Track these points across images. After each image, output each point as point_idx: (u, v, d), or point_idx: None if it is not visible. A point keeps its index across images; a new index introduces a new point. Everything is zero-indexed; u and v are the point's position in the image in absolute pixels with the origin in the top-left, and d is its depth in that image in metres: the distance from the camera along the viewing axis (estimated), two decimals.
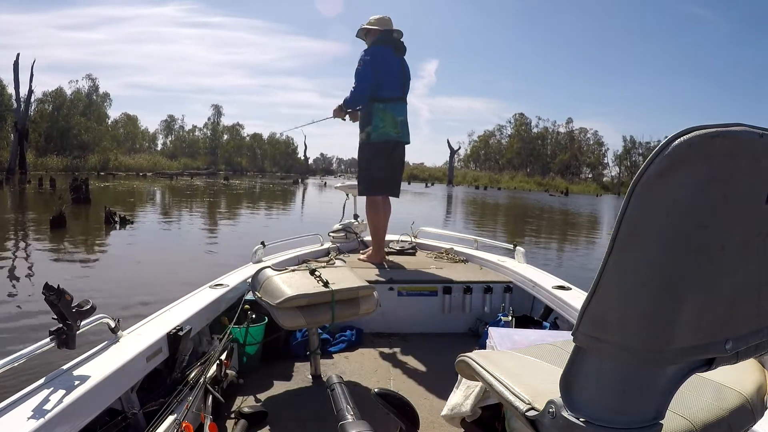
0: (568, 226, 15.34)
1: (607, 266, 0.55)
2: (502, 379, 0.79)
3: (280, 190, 27.86)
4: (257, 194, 23.92)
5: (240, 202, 17.91)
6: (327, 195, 25.47)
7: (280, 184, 36.10)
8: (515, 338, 1.55)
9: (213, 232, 10.07)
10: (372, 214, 3.16)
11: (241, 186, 30.50)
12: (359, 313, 2.06)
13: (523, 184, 60.65)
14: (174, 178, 36.52)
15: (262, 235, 3.37)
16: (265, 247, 2.84)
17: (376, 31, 3.13)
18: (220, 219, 12.31)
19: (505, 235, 12.08)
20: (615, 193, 67.70)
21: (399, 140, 3.14)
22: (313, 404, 1.84)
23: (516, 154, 72.63)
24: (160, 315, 1.74)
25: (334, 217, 4.01)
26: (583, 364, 0.61)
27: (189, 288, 2.14)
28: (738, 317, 0.61)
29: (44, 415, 1.01)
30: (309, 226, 5.12)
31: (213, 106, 74.46)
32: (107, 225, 9.38)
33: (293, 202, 20.43)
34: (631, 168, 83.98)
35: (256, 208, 15.72)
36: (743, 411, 0.79)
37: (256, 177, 54.88)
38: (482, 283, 2.72)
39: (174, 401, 1.40)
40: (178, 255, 7.17)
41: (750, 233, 0.57)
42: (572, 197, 47.30)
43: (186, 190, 23.50)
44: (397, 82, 3.13)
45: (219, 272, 2.47)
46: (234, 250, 6.96)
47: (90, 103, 50.04)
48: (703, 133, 0.50)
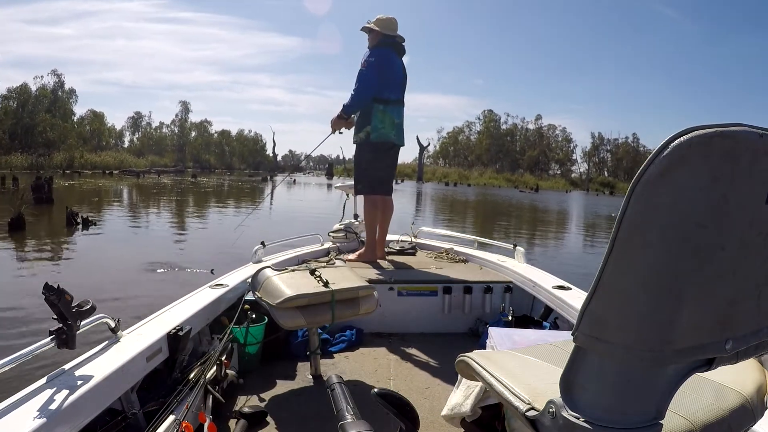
0: (541, 224, 15.33)
1: (607, 266, 0.55)
2: (502, 379, 0.79)
3: (249, 188, 27.40)
4: (225, 192, 23.43)
5: (208, 201, 17.44)
6: (296, 192, 25.30)
7: (249, 182, 35.51)
8: (515, 338, 1.55)
9: (179, 234, 9.55)
10: (370, 213, 3.17)
11: (209, 184, 29.92)
12: (359, 313, 2.06)
13: (493, 180, 60.95)
14: (141, 176, 35.69)
15: (231, 238, 3.25)
16: (265, 247, 2.84)
17: (379, 34, 3.12)
18: (187, 219, 11.82)
19: (481, 233, 12.15)
20: (584, 189, 68.25)
21: (396, 143, 3.16)
22: (313, 404, 1.84)
23: (485, 150, 73.33)
24: (160, 315, 1.74)
25: (308, 216, 3.96)
26: (583, 364, 0.61)
27: (149, 300, 2.11)
28: (738, 317, 0.61)
29: (44, 415, 1.01)
30: (282, 227, 5.09)
31: (181, 103, 73.73)
32: (69, 227, 8.89)
33: (262, 200, 19.88)
34: (599, 164, 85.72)
35: (225, 208, 15.28)
36: (743, 411, 0.79)
37: (225, 174, 54.00)
38: (482, 283, 2.72)
39: (174, 401, 1.40)
40: (141, 260, 6.55)
41: (750, 233, 0.57)
42: (542, 193, 47.33)
43: (152, 189, 22.92)
44: (399, 85, 3.14)
45: (182, 281, 2.43)
46: (202, 256, 6.67)
47: (55, 100, 49.68)
48: (702, 133, 0.50)
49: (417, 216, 15.27)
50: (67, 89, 52.43)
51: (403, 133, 3.21)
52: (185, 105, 71.83)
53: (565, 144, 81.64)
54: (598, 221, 18.08)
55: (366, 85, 2.98)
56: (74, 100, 53.20)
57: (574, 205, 29.93)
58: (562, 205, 28.00)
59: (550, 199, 34.32)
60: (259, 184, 34.03)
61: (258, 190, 26.53)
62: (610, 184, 77.62)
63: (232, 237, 6.98)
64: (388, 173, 3.22)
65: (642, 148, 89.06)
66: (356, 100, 3.02)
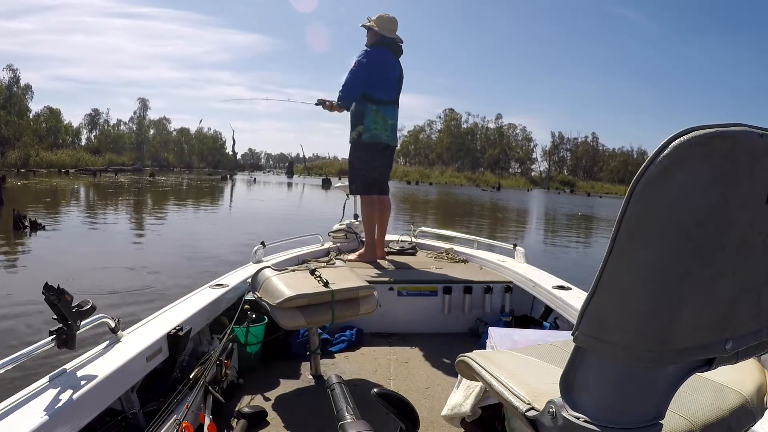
0: (509, 222, 15.33)
1: (607, 266, 0.55)
2: (502, 379, 0.79)
3: (208, 187, 26.87)
4: (184, 192, 22.75)
5: (166, 201, 16.71)
6: (257, 192, 24.91)
7: (208, 181, 34.91)
8: (515, 338, 1.55)
9: (135, 237, 8.90)
10: (367, 212, 3.17)
11: (168, 183, 29.30)
12: (359, 313, 2.06)
13: (454, 179, 61.24)
14: (97, 175, 34.96)
15: (189, 245, 3.23)
16: (265, 247, 2.84)
17: (376, 33, 3.11)
18: (144, 222, 11.10)
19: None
20: (544, 188, 68.76)
21: (389, 144, 3.17)
22: (313, 404, 1.84)
23: (446, 149, 73.91)
24: (160, 315, 1.74)
25: (266, 218, 3.94)
26: (583, 364, 0.61)
27: None
28: (738, 317, 0.61)
29: (44, 415, 1.01)
30: (247, 230, 5.02)
31: (139, 100, 72.72)
32: (15, 231, 8.21)
33: (222, 200, 19.28)
34: (559, 163, 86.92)
35: (183, 209, 14.56)
36: (743, 411, 0.79)
37: (183, 173, 53.15)
38: (482, 283, 2.72)
39: (174, 401, 1.40)
40: (90, 269, 5.93)
41: (750, 233, 0.57)
42: (504, 192, 47.40)
43: (109, 188, 22.21)
44: (393, 86, 3.13)
45: (131, 298, 2.36)
46: (159, 267, 6.05)
47: (10, 96, 48.83)
48: (702, 133, 0.50)
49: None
50: (23, 85, 51.64)
51: (396, 133, 3.22)
52: (143, 102, 70.99)
53: (526, 143, 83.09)
54: (571, 219, 18.25)
55: (351, 85, 2.99)
56: (30, 96, 52.31)
57: (535, 203, 30.12)
58: (528, 204, 28.14)
59: (513, 198, 34.41)
60: (219, 182, 33.27)
61: (217, 189, 25.87)
62: (571, 183, 78.29)
63: (188, 247, 6.96)
64: (383, 173, 3.22)
65: (601, 147, 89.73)
66: (341, 98, 3.03)
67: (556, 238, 12.27)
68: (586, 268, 6.92)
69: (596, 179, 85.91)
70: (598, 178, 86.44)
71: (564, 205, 30.85)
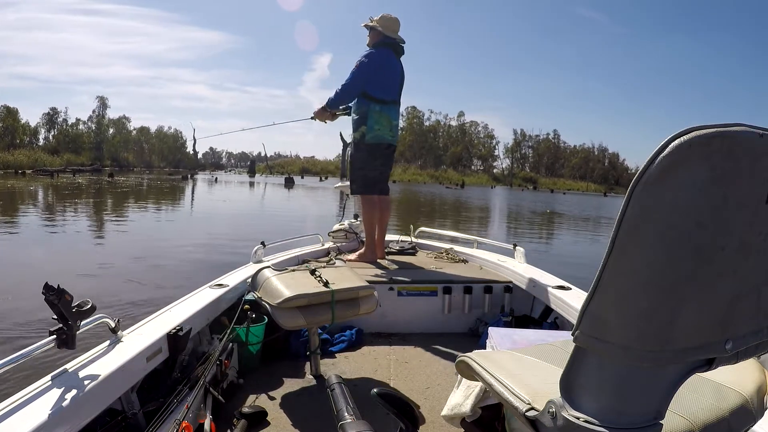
0: (483, 221, 15.26)
1: (607, 266, 0.55)
2: (502, 379, 0.79)
3: (168, 187, 26.15)
4: (144, 192, 21.92)
5: (124, 202, 16.00)
6: (219, 191, 24.32)
7: (168, 181, 34.23)
8: (515, 338, 1.55)
9: (88, 244, 7.92)
10: (367, 212, 3.17)
11: (127, 183, 28.69)
12: (359, 313, 2.06)
13: (417, 176, 61.65)
14: (55, 176, 33.87)
15: (145, 251, 3.08)
16: (265, 247, 2.84)
17: (379, 33, 3.11)
18: (99, 226, 10.23)
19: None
20: (507, 185, 69.47)
21: (392, 143, 3.18)
22: (313, 404, 1.84)
23: (408, 146, 73.98)
24: (160, 315, 1.74)
25: (229, 219, 3.84)
26: (583, 364, 0.61)
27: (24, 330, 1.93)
28: (738, 317, 0.61)
29: (44, 415, 1.01)
30: (205, 233, 4.84)
31: (98, 98, 71.48)
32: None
33: (182, 201, 18.39)
34: (521, 160, 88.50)
35: (143, 210, 13.81)
36: (743, 411, 0.79)
37: (143, 173, 52.09)
38: (482, 283, 2.72)
39: (174, 401, 1.40)
40: (33, 281, 4.82)
41: (750, 233, 0.57)
42: (468, 189, 47.27)
43: (65, 190, 21.15)
44: (396, 86, 3.14)
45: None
46: (109, 279, 5.25)
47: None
48: (702, 133, 0.50)
49: (339, 216, 14.55)
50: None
51: (398, 132, 3.23)
52: (102, 100, 69.90)
53: (488, 140, 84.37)
54: (543, 218, 18.26)
55: (352, 84, 2.99)
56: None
57: (501, 200, 30.02)
58: (494, 201, 28.02)
59: (479, 195, 34.29)
60: (179, 182, 32.57)
61: (178, 189, 25.18)
62: (533, 179, 78.52)
63: (145, 252, 6.78)
64: (383, 173, 3.23)
65: (562, 144, 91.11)
66: (339, 97, 3.04)
67: (532, 236, 12.17)
68: (571, 266, 6.86)
69: (558, 176, 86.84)
70: (560, 175, 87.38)
71: (530, 202, 30.76)
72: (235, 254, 6.35)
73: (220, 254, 6.98)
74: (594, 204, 35.43)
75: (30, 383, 1.14)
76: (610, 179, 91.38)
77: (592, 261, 8.21)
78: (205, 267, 5.85)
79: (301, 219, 12.81)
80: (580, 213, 23.39)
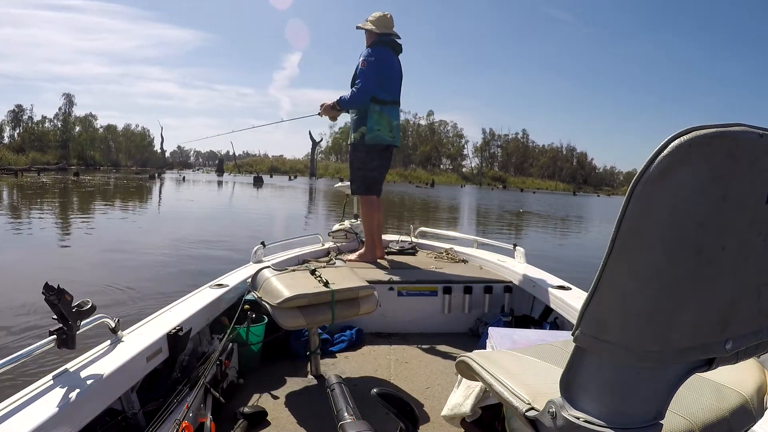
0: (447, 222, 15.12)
1: (607, 266, 0.55)
2: (502, 379, 0.79)
3: (135, 187, 25.39)
4: (110, 192, 21.10)
5: (89, 202, 15.29)
6: (186, 191, 23.75)
7: (135, 180, 33.49)
8: (515, 338, 1.55)
9: (48, 248, 7.13)
10: (367, 213, 3.16)
11: (92, 182, 27.91)
12: (359, 313, 2.06)
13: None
14: (19, 175, 32.49)
15: (114, 250, 2.91)
16: (265, 247, 2.84)
17: (373, 34, 3.09)
18: (62, 229, 9.32)
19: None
20: (476, 184, 69.74)
21: (392, 144, 3.16)
22: (313, 404, 1.84)
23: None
24: (160, 315, 1.74)
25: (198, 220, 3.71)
26: (583, 364, 0.61)
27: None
28: (738, 317, 0.61)
29: (44, 415, 1.01)
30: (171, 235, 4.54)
31: (64, 95, 70.31)
32: None
33: (149, 202, 17.66)
34: (490, 159, 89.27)
35: (107, 210, 13.05)
36: (743, 411, 0.79)
37: (110, 172, 51.14)
38: (482, 283, 2.72)
39: (174, 401, 1.40)
40: None
41: (750, 233, 0.57)
42: (438, 188, 46.97)
43: (28, 189, 20.16)
44: (396, 86, 3.13)
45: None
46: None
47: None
48: (703, 133, 0.50)
49: (308, 217, 14.16)
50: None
51: (399, 133, 3.21)
52: (69, 98, 68.47)
53: (457, 139, 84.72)
54: (521, 218, 18.16)
55: (367, 85, 2.95)
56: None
57: (472, 200, 29.83)
58: (463, 201, 27.77)
59: (450, 195, 34.01)
60: (147, 182, 31.67)
61: (145, 188, 24.46)
62: (502, 179, 78.97)
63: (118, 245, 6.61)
64: (381, 174, 3.22)
65: (531, 144, 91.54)
66: (356, 98, 2.99)
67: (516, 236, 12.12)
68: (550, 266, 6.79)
69: (527, 175, 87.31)
70: (529, 174, 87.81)
71: (504, 201, 30.60)
72: (208, 259, 6.27)
73: (187, 259, 6.53)
74: (565, 203, 35.30)
75: (30, 383, 1.13)
76: (579, 178, 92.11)
77: (574, 259, 8.23)
78: (168, 275, 5.50)
79: (269, 221, 12.54)
80: (556, 212, 23.27)
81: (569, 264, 7.48)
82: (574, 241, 12.25)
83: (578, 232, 14.63)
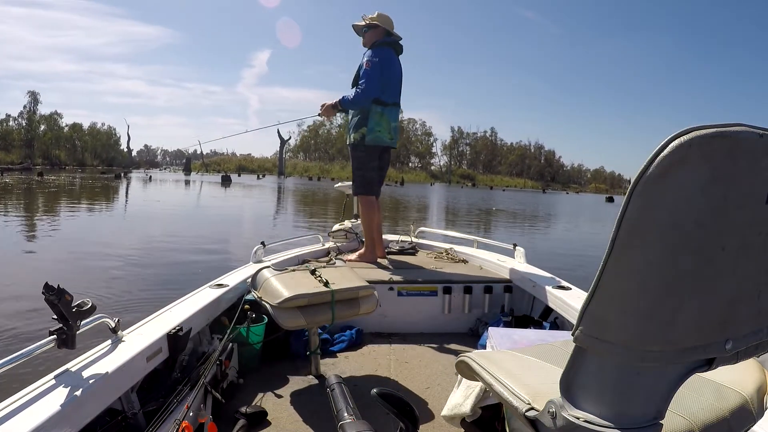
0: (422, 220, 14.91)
1: (607, 266, 0.55)
2: (502, 379, 0.79)
3: (101, 186, 24.75)
4: (76, 192, 20.50)
5: (54, 202, 14.85)
6: (153, 191, 23.15)
7: (101, 179, 32.83)
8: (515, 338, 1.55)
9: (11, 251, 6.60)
10: (367, 213, 3.16)
11: (57, 182, 27.24)
12: (359, 313, 2.06)
13: None
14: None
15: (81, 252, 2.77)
16: (265, 247, 2.84)
17: (381, 31, 3.08)
18: (23, 231, 8.69)
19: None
20: (445, 182, 69.93)
21: (390, 146, 3.16)
22: (313, 404, 1.84)
23: (346, 144, 74.13)
24: (160, 315, 1.74)
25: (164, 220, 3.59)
26: (583, 364, 0.61)
27: None
28: (738, 317, 0.61)
29: (44, 415, 1.01)
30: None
31: (29, 93, 68.32)
32: None
33: (115, 203, 17.14)
34: (459, 157, 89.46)
35: (73, 211, 12.53)
36: (743, 411, 0.79)
37: (76, 171, 50.17)
38: (482, 283, 2.72)
39: (174, 401, 1.40)
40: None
41: (750, 233, 0.57)
42: (408, 187, 46.98)
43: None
44: (397, 87, 3.12)
45: None
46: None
47: None
48: (703, 134, 0.50)
49: (276, 216, 14.04)
50: None
51: (397, 135, 3.21)
52: (34, 96, 67.19)
53: (426, 137, 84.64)
54: (498, 215, 18.14)
55: (371, 86, 2.93)
56: None
57: (441, 198, 29.79)
58: (434, 199, 27.68)
59: (420, 193, 33.92)
60: (112, 181, 30.99)
61: (111, 188, 23.87)
62: (471, 177, 79.02)
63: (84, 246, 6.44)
64: (379, 174, 3.23)
65: (500, 142, 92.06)
66: (359, 99, 2.96)
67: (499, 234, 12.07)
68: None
69: (495, 173, 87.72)
70: (497, 172, 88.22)
71: (475, 199, 30.46)
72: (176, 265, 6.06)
73: (150, 263, 6.22)
74: (536, 201, 35.15)
75: (30, 383, 1.14)
76: (547, 176, 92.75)
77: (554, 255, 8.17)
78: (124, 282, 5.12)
79: (238, 222, 12.31)
80: (530, 210, 23.11)
81: (561, 258, 7.45)
82: (560, 237, 12.17)
83: (567, 230, 14.56)
